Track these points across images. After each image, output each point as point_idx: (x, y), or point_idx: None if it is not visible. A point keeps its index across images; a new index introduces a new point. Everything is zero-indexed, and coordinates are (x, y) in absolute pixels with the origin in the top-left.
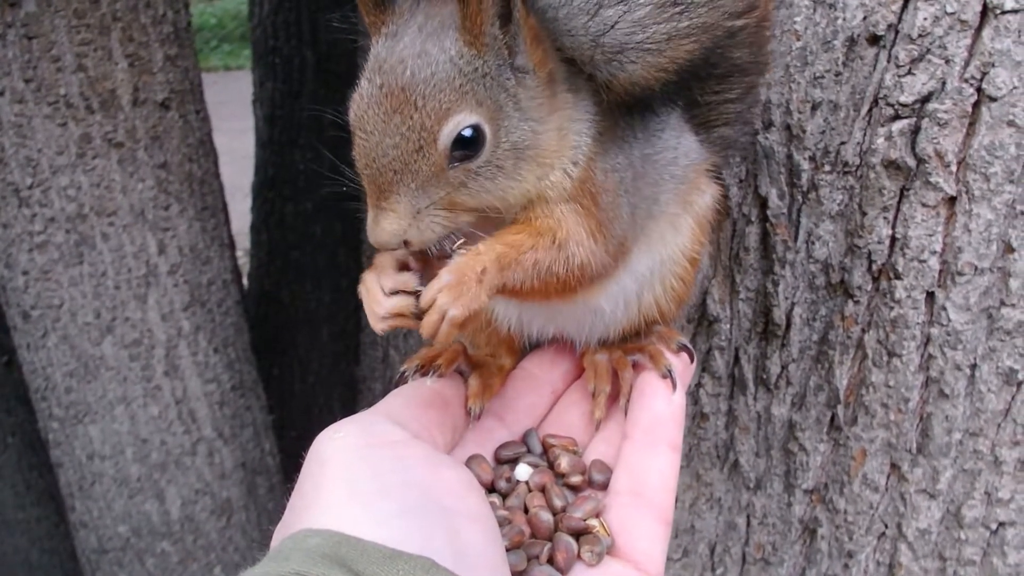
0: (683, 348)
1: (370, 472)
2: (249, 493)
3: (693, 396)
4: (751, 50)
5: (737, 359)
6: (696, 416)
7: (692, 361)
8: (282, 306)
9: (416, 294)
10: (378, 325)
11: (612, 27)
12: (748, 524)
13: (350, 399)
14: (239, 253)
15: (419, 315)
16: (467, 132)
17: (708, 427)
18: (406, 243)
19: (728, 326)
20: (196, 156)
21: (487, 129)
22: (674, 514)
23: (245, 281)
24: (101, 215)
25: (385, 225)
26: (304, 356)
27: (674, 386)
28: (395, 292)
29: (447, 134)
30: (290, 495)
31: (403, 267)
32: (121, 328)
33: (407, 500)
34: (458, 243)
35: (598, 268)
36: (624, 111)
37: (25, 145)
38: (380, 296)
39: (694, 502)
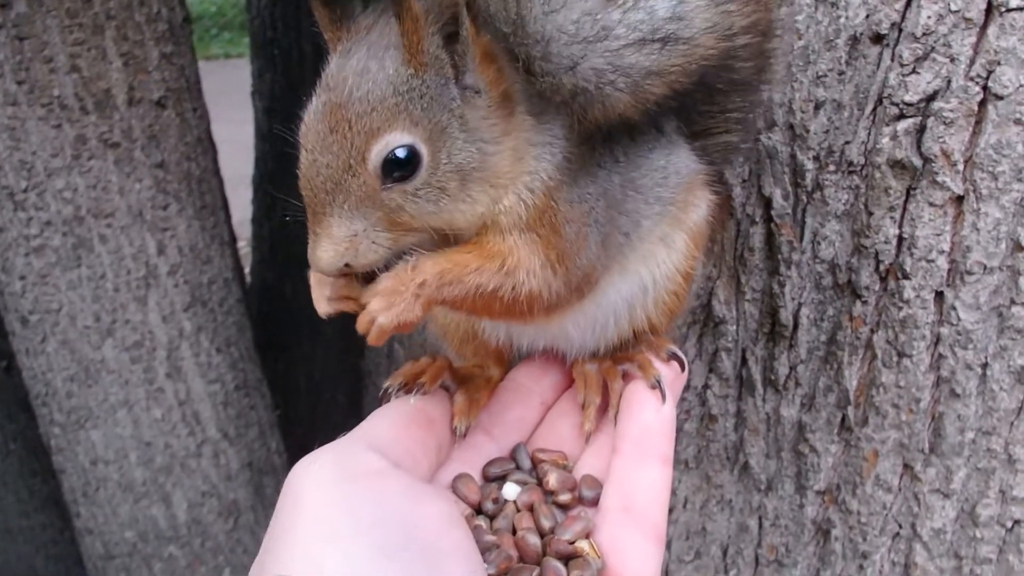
0: (673, 357)
1: (346, 509)
2: (256, 493)
3: (701, 398)
4: (756, 64)
5: (744, 360)
6: (704, 418)
7: (683, 370)
8: (285, 301)
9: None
10: (322, 307)
11: (574, 66)
12: (760, 526)
13: (356, 393)
14: (241, 243)
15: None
16: (400, 152)
17: (717, 429)
18: (348, 266)
19: (734, 327)
20: (194, 154)
21: (424, 150)
22: (685, 516)
23: (247, 274)
24: (98, 217)
25: (320, 253)
26: (309, 351)
27: (663, 397)
28: (343, 274)
29: (377, 154)
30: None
31: None
32: (121, 331)
33: (385, 538)
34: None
35: (552, 299)
36: (604, 134)
37: (19, 148)
38: (326, 279)
39: (704, 504)
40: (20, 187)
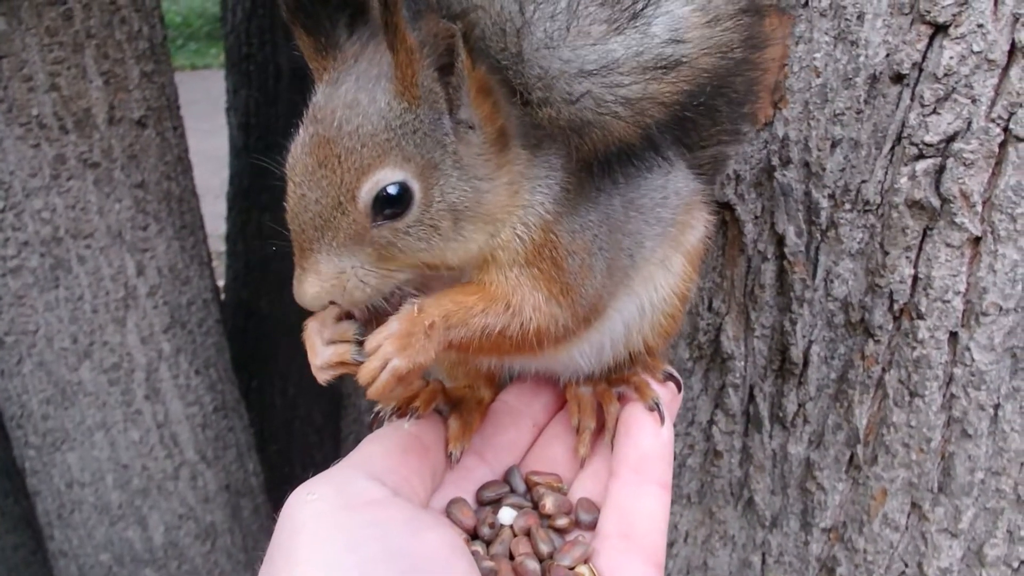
0: (670, 378)
1: (348, 543)
2: (233, 516)
3: (705, 433)
4: (750, 77)
5: (752, 397)
6: (709, 453)
7: (679, 391)
8: (261, 317)
9: (357, 342)
10: (319, 375)
11: (577, 99)
12: (763, 562)
13: (332, 412)
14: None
15: (361, 362)
16: (391, 190)
17: (722, 464)
18: (333, 303)
19: (742, 363)
20: (174, 174)
21: (416, 187)
22: (686, 550)
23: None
24: (77, 237)
25: (306, 288)
26: (284, 368)
27: (662, 419)
28: (334, 342)
29: (367, 191)
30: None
31: (345, 315)
32: (99, 353)
33: (390, 571)
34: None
35: (559, 332)
36: (602, 159)
37: None
38: (319, 346)
39: (707, 539)
40: None
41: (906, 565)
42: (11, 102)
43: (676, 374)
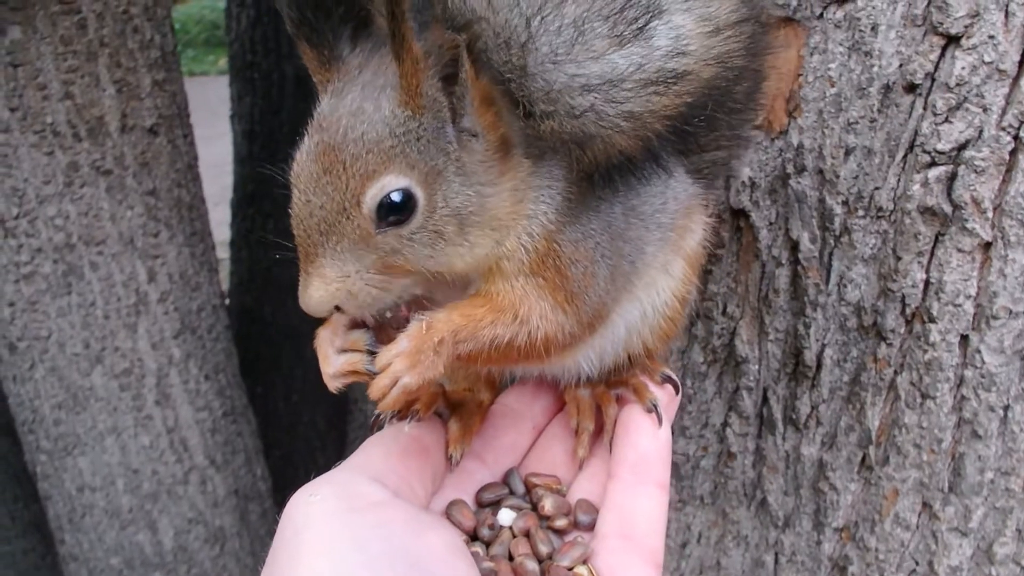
0: (668, 380)
1: (352, 542)
2: (242, 520)
3: (719, 435)
4: (750, 85)
5: (766, 399)
6: (722, 455)
7: (677, 392)
8: (264, 323)
9: (369, 352)
10: (331, 384)
11: (580, 114)
12: (776, 561)
13: (336, 417)
14: None
15: (373, 373)
16: (395, 196)
17: (735, 466)
18: (338, 309)
19: (756, 366)
20: (184, 181)
21: (419, 193)
22: (699, 550)
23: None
24: (89, 244)
25: (312, 292)
26: (288, 374)
27: (660, 421)
28: (346, 351)
29: (371, 197)
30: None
31: (357, 324)
32: (111, 358)
33: (393, 570)
34: (414, 310)
35: (566, 339)
36: (603, 169)
37: (11, 175)
38: (331, 355)
39: (720, 539)
40: (11, 214)
41: (917, 564)
42: (26, 110)
43: (674, 376)
